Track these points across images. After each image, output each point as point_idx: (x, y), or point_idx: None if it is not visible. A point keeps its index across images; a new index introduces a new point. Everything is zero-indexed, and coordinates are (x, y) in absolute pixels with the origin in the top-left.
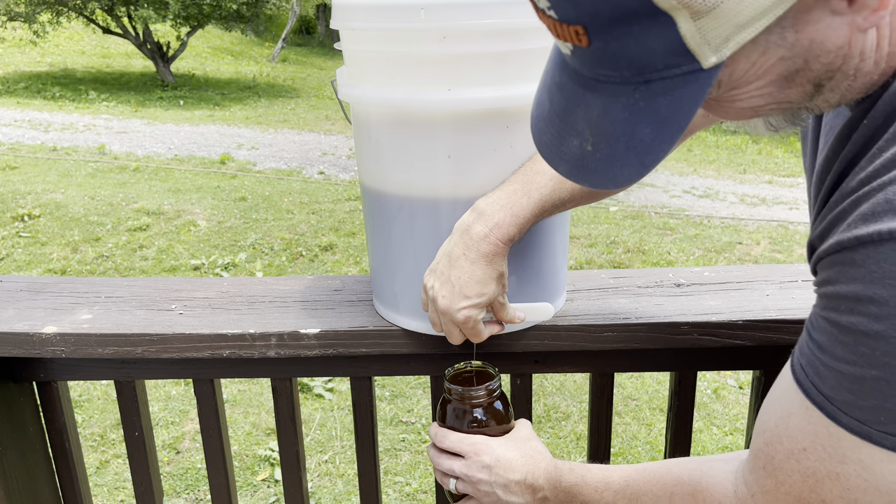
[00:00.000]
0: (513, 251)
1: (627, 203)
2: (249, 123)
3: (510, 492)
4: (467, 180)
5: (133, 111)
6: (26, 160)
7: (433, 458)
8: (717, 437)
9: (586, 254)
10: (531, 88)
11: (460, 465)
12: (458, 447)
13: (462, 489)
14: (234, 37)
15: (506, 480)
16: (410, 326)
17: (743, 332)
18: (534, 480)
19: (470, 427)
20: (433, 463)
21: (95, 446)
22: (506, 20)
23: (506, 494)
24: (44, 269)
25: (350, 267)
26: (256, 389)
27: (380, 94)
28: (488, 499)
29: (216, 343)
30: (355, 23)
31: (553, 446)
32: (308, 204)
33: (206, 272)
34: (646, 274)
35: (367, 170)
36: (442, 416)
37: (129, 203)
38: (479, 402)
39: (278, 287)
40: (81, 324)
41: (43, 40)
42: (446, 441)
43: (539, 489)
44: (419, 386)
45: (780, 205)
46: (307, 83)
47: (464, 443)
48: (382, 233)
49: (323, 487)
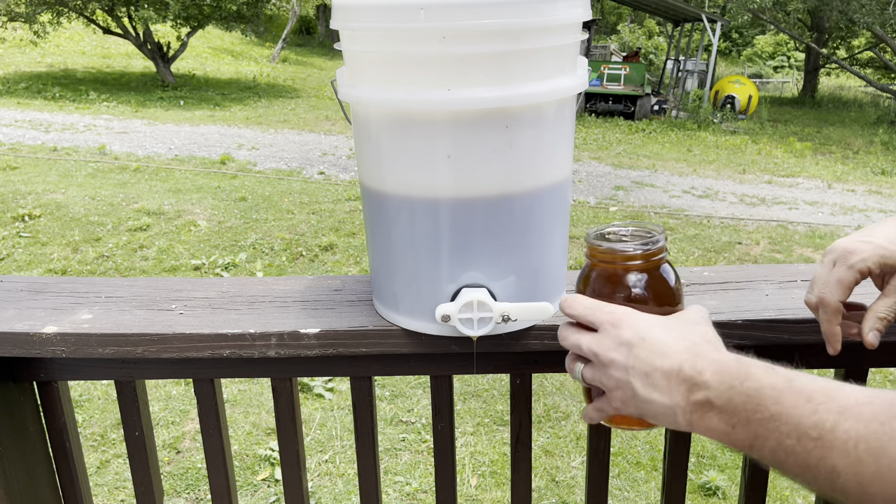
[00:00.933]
0: (512, 250)
1: (627, 203)
2: (250, 124)
3: (652, 384)
4: (467, 180)
5: (133, 111)
6: (27, 160)
7: (560, 333)
8: None
9: None
10: (531, 88)
11: (589, 340)
12: (591, 315)
13: (591, 378)
14: (235, 37)
15: (649, 367)
16: (410, 326)
17: (742, 332)
18: (693, 373)
19: (618, 301)
20: (560, 340)
21: (96, 446)
22: (506, 20)
23: (645, 387)
24: (44, 269)
25: (350, 267)
26: (256, 389)
27: (380, 94)
28: (620, 392)
29: (216, 343)
30: (355, 23)
31: (553, 446)
32: (308, 204)
33: (206, 272)
34: None
35: (367, 170)
36: (581, 288)
37: (130, 203)
38: (635, 266)
39: (278, 287)
40: (82, 324)
41: (43, 41)
42: (577, 307)
43: (699, 387)
44: (419, 386)
45: (779, 205)
46: (307, 83)
47: (600, 310)
48: (382, 233)
49: (323, 487)
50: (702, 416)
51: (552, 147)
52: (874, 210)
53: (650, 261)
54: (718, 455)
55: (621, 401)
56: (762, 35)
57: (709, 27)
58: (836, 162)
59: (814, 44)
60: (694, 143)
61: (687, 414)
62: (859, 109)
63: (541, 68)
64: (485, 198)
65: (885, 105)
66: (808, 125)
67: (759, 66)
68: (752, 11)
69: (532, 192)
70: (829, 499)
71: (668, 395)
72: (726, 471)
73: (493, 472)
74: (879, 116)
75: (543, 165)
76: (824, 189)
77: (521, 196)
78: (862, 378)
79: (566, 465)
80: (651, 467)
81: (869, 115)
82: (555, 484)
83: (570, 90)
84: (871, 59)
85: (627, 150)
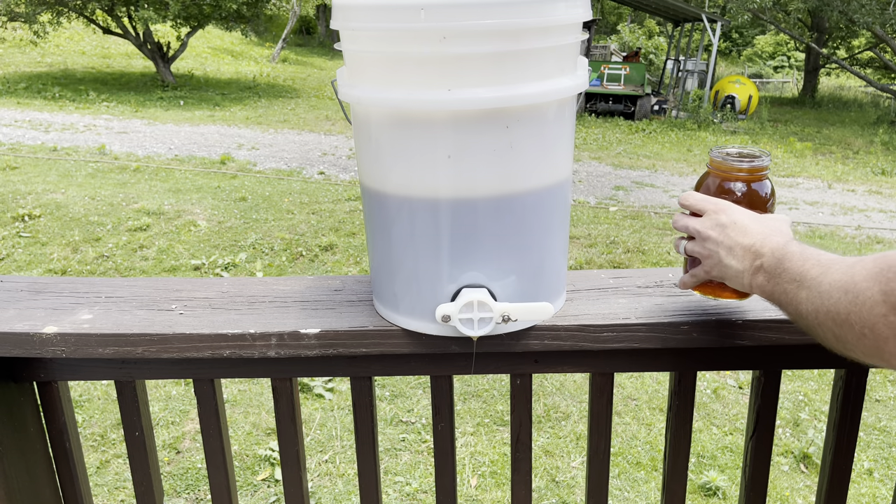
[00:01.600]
0: (512, 250)
1: (627, 203)
2: (249, 124)
3: (732, 254)
4: (467, 180)
5: (133, 111)
6: (27, 160)
7: (673, 220)
8: (716, 437)
9: (586, 254)
10: (531, 88)
11: (695, 222)
12: (700, 205)
13: (690, 249)
14: (235, 37)
15: (733, 243)
16: (410, 326)
17: (743, 332)
18: (760, 247)
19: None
20: (672, 224)
21: (96, 446)
22: (506, 20)
23: (727, 256)
24: (44, 270)
25: (350, 267)
26: (257, 389)
27: (380, 94)
28: (710, 260)
29: (216, 343)
30: (355, 23)
31: (553, 446)
32: (308, 204)
33: (206, 272)
34: (646, 274)
35: (367, 170)
36: (696, 188)
37: (130, 203)
38: (740, 177)
39: (278, 287)
40: (82, 324)
41: (43, 40)
42: (690, 199)
43: (760, 255)
44: (419, 386)
45: (779, 204)
46: (307, 83)
47: (708, 202)
48: (382, 233)
49: (323, 487)
50: (756, 276)
51: (552, 147)
52: (874, 210)
53: (752, 175)
54: (718, 455)
55: (710, 266)
56: (762, 35)
57: (709, 27)
58: (836, 162)
59: (814, 44)
60: (694, 143)
61: (749, 276)
62: (859, 109)
63: (541, 68)
64: (485, 198)
65: (885, 105)
66: (808, 125)
67: (759, 66)
68: (753, 11)
69: (532, 192)
70: (796, 321)
71: (741, 262)
72: (726, 471)
73: (493, 473)
74: (879, 116)
75: (543, 165)
76: (824, 189)
77: (521, 196)
78: (862, 378)
79: (566, 466)
80: (651, 467)
81: (869, 115)
82: (555, 484)
83: (571, 90)
84: (871, 59)
85: (627, 150)
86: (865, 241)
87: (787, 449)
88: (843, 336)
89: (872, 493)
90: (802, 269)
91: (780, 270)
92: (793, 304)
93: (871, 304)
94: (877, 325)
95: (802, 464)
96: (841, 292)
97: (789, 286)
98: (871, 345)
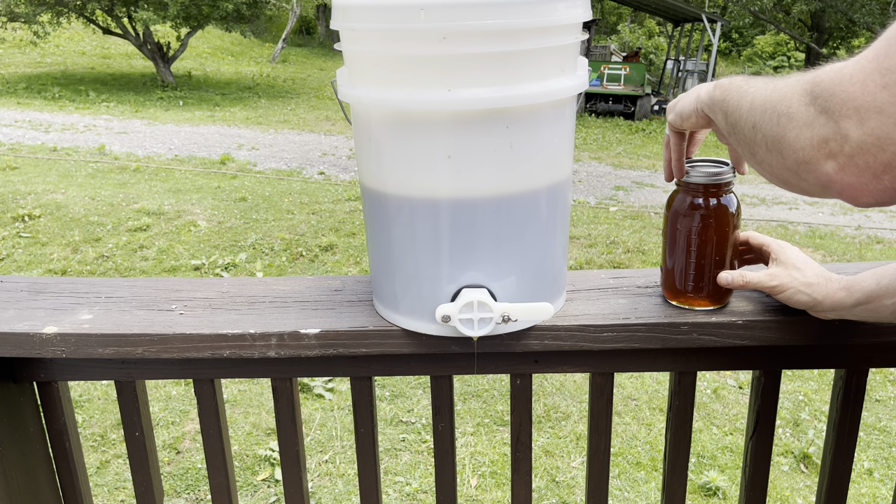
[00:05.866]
0: (512, 250)
1: (627, 203)
2: (249, 124)
3: (685, 96)
4: (467, 180)
5: (133, 111)
6: (27, 160)
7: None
8: (717, 437)
9: (586, 254)
10: (531, 89)
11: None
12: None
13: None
14: (235, 37)
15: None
16: (410, 326)
17: (743, 332)
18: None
19: (688, 213)
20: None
21: (96, 446)
22: (506, 20)
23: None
24: (44, 270)
25: (350, 267)
26: (257, 389)
27: (380, 94)
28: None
29: (216, 343)
30: (355, 23)
31: (553, 446)
32: (308, 204)
33: (206, 272)
34: (646, 274)
35: (367, 170)
36: (668, 202)
37: (130, 203)
38: (700, 192)
39: (278, 287)
40: (82, 324)
41: (43, 41)
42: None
43: (707, 88)
44: (419, 386)
45: (779, 205)
46: (307, 84)
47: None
48: (382, 233)
49: (323, 487)
50: (709, 103)
51: (552, 147)
52: (874, 210)
53: (713, 190)
54: (718, 455)
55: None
56: (762, 35)
57: (709, 27)
58: None
59: (814, 44)
60: None
61: (706, 93)
62: None
63: (541, 69)
64: (485, 198)
65: None
66: None
67: (759, 66)
68: (754, 13)
69: (532, 192)
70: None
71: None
72: (726, 471)
73: (493, 473)
74: None
75: (543, 166)
76: None
77: (521, 196)
78: (862, 378)
79: (566, 466)
80: (651, 467)
81: None
82: (555, 484)
83: (570, 90)
84: None
85: (627, 150)
86: (865, 241)
87: (787, 449)
88: (763, 124)
89: (872, 493)
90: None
91: (726, 99)
92: (740, 123)
93: (794, 90)
94: (791, 105)
95: (802, 464)
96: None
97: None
98: (776, 131)
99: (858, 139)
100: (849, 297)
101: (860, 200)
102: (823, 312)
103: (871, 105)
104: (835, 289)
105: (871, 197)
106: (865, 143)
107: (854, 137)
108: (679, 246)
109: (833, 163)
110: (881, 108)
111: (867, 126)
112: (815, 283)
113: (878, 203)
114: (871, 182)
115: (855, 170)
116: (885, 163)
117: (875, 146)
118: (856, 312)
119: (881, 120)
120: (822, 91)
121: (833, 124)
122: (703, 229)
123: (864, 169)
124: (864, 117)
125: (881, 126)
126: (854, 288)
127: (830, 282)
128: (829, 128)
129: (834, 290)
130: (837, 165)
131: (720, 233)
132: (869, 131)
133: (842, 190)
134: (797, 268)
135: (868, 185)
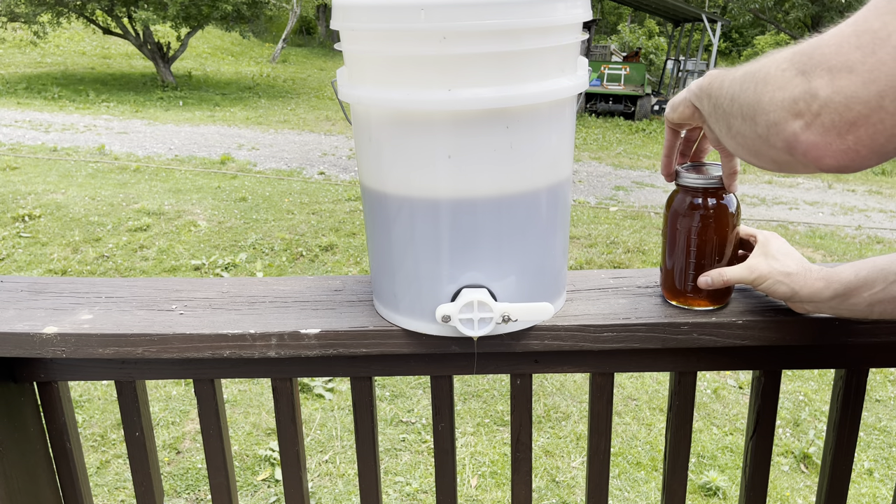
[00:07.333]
0: (512, 250)
1: (627, 203)
2: (250, 124)
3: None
4: (467, 180)
5: (133, 111)
6: (27, 160)
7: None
8: (717, 437)
9: (586, 254)
10: (531, 89)
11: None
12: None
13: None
14: (235, 37)
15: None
16: (410, 326)
17: (743, 332)
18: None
19: (688, 214)
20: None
21: (96, 446)
22: (506, 20)
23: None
24: (44, 270)
25: (350, 267)
26: (257, 389)
27: (380, 94)
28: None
29: (216, 343)
30: (355, 23)
31: (553, 446)
32: (308, 204)
33: (206, 272)
34: (646, 274)
35: (367, 170)
36: (668, 203)
37: (130, 203)
38: (699, 193)
39: (278, 287)
40: (82, 324)
41: (43, 41)
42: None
43: (703, 89)
44: (419, 386)
45: (779, 205)
46: (307, 84)
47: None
48: (382, 233)
49: (323, 487)
50: (697, 91)
51: (552, 147)
52: (874, 210)
53: (710, 191)
54: (718, 455)
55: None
56: (762, 35)
57: (709, 27)
58: None
59: None
60: None
61: (695, 83)
62: None
63: (541, 69)
64: (485, 198)
65: None
66: None
67: None
68: (754, 12)
69: (532, 192)
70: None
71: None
72: (726, 471)
73: (493, 473)
74: None
75: (543, 165)
76: (824, 189)
77: (521, 196)
78: (862, 378)
79: (566, 466)
80: (651, 467)
81: None
82: (555, 484)
83: (571, 90)
84: None
85: (627, 150)
86: (865, 241)
87: (787, 449)
88: (741, 94)
89: (872, 493)
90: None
91: (710, 88)
92: (725, 111)
93: (774, 59)
94: (770, 71)
95: (802, 464)
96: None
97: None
98: (752, 98)
99: (826, 97)
100: (826, 289)
101: (823, 162)
102: (801, 304)
103: (843, 64)
104: (813, 279)
105: (834, 158)
106: (833, 101)
107: (822, 96)
108: (679, 246)
109: (800, 121)
110: (852, 67)
111: (836, 84)
112: (795, 273)
113: (840, 166)
114: (836, 141)
115: (820, 128)
116: (850, 121)
117: (842, 104)
118: (832, 305)
119: (851, 79)
120: (800, 56)
121: (806, 83)
122: (703, 229)
123: (830, 127)
124: (835, 76)
125: (850, 84)
126: (832, 279)
127: (810, 272)
128: (801, 87)
129: (812, 279)
130: (804, 123)
131: (720, 233)
132: (837, 89)
133: (806, 150)
134: (776, 258)
135: (832, 144)
